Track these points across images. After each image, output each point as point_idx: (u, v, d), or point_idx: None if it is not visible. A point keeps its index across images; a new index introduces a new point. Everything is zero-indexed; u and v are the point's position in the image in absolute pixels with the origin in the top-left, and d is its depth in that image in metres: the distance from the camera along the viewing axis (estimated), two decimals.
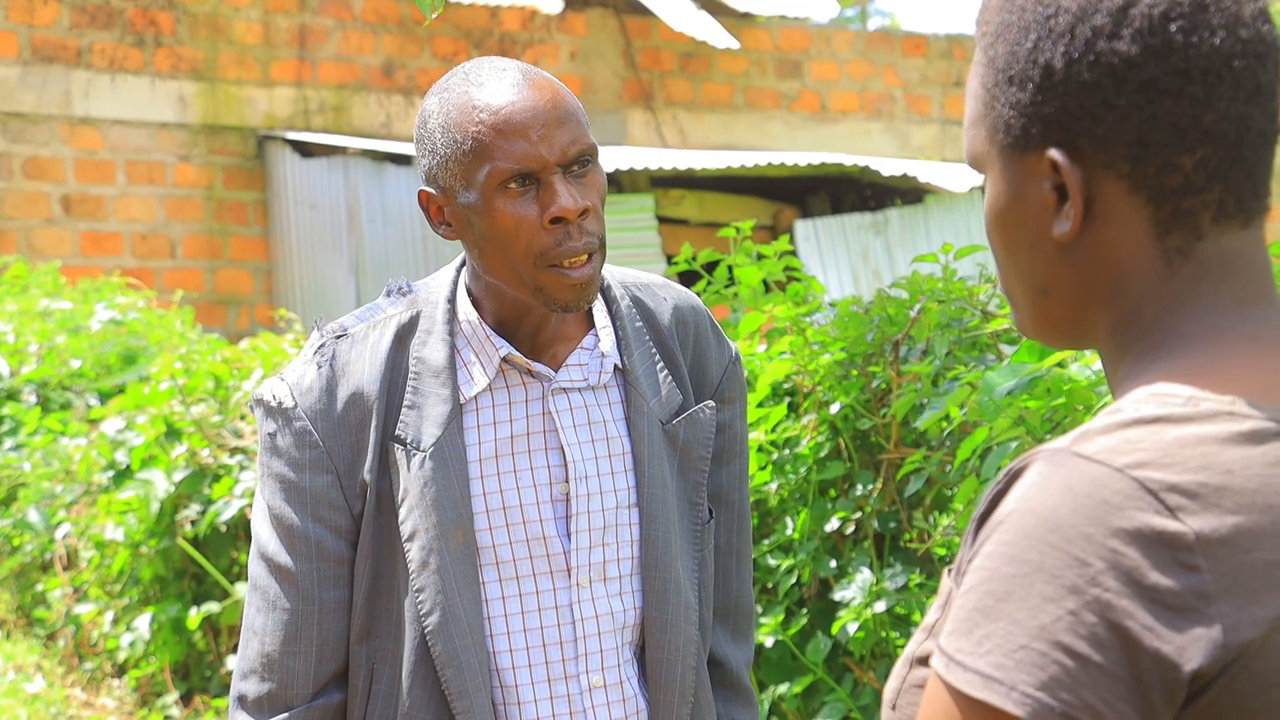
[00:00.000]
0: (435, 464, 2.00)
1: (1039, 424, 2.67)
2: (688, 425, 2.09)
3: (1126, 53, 1.09)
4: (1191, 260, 1.12)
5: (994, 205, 1.17)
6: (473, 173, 1.96)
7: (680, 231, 10.17)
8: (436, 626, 1.99)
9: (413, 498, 2.00)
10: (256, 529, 2.08)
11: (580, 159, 1.97)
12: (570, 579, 2.04)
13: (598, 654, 2.05)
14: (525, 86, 1.97)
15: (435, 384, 2.03)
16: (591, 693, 2.05)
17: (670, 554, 2.06)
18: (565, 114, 1.97)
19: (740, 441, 2.18)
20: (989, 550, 1.04)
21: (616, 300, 2.11)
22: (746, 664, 2.22)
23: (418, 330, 2.06)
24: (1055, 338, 1.20)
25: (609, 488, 2.05)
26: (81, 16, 10.39)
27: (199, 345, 6.26)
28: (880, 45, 12.93)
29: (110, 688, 5.87)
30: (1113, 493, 1.01)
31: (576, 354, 2.07)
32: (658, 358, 2.10)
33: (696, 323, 2.16)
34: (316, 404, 2.03)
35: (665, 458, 2.07)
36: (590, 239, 1.97)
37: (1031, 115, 1.12)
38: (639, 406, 2.07)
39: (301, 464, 2.03)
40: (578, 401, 2.06)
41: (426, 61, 11.28)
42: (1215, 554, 1.00)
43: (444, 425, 2.01)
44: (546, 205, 1.95)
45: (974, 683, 1.00)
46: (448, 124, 1.97)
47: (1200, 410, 1.05)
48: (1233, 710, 1.01)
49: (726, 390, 2.16)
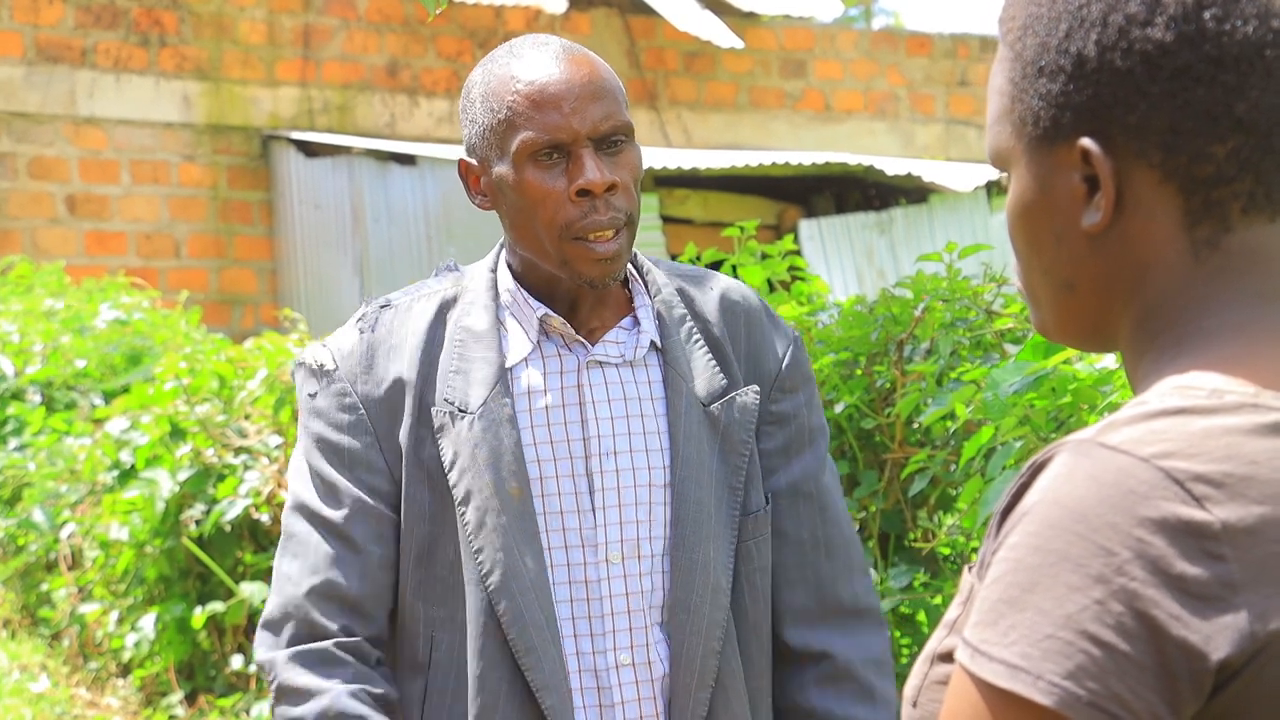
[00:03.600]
0: (484, 424, 2.01)
1: (1044, 422, 2.66)
2: (729, 408, 2.06)
3: (1161, 40, 1.09)
4: (1219, 252, 1.12)
5: (1019, 199, 1.17)
6: (506, 142, 1.99)
7: (685, 231, 10.16)
8: (499, 585, 1.99)
9: (464, 459, 2.01)
10: (294, 487, 2.09)
11: (613, 135, 2.00)
12: (599, 554, 2.03)
13: (626, 631, 2.04)
14: (564, 60, 2.00)
15: (480, 348, 2.04)
16: (619, 670, 2.04)
17: (700, 535, 2.03)
18: (601, 89, 2.00)
19: (812, 431, 2.13)
20: (1014, 541, 1.03)
21: (660, 286, 2.10)
22: (867, 660, 2.10)
23: (460, 303, 2.08)
24: (1078, 336, 1.19)
25: (641, 464, 2.04)
26: (86, 16, 10.40)
27: (204, 345, 6.26)
28: (885, 45, 12.92)
29: (115, 687, 5.87)
30: (1139, 482, 1.01)
31: (615, 332, 2.08)
32: (700, 342, 2.08)
33: (748, 311, 2.13)
34: (356, 367, 2.06)
35: (705, 439, 2.05)
36: (617, 214, 1.99)
37: (1063, 105, 1.12)
38: (677, 386, 2.05)
39: (341, 425, 2.05)
40: (613, 377, 2.06)
41: (431, 61, 11.28)
42: (1241, 543, 1.00)
43: (491, 386, 2.02)
44: (574, 178, 1.97)
45: (1000, 673, 1.00)
46: (487, 93, 2.01)
47: (1225, 402, 1.05)
48: (1260, 700, 1.00)
49: (788, 379, 2.12)
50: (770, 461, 2.10)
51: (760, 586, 2.08)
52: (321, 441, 2.06)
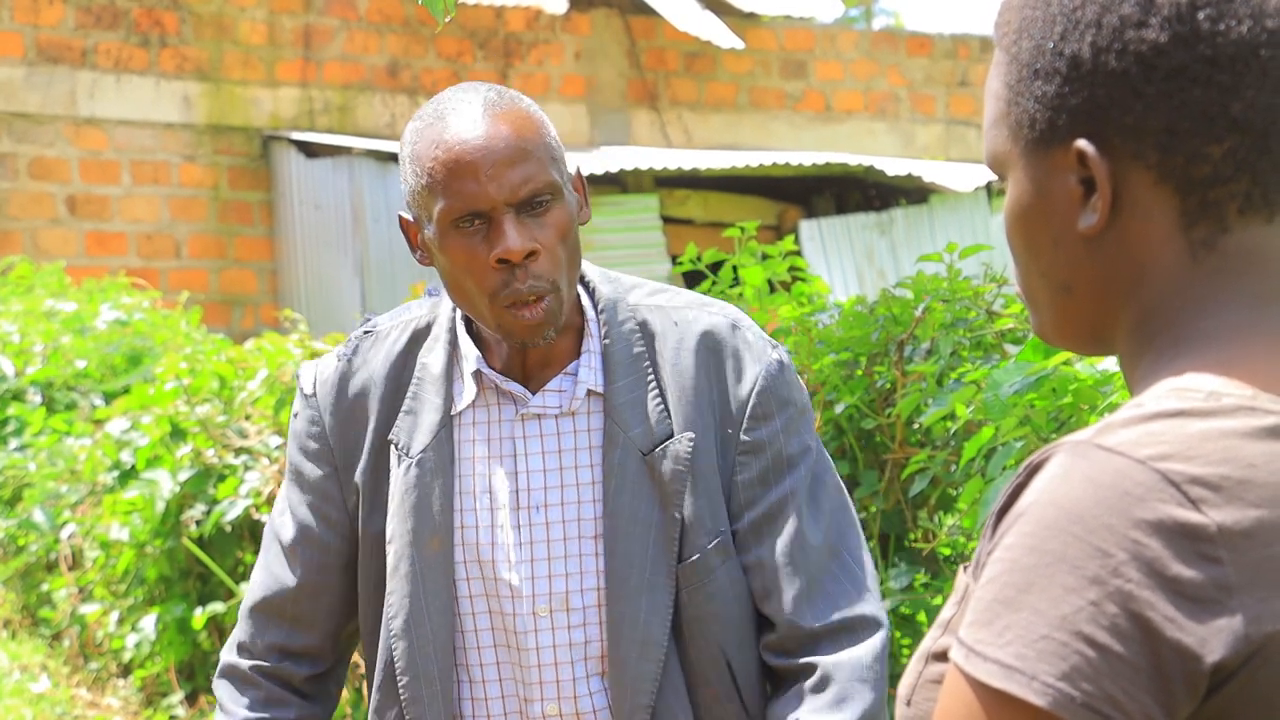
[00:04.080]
0: (419, 471, 2.03)
1: (1045, 423, 2.67)
2: (663, 456, 2.01)
3: (1155, 40, 1.09)
4: (1216, 253, 1.11)
5: (1016, 203, 1.17)
6: (430, 207, 1.97)
7: (685, 231, 10.16)
8: (398, 631, 2.03)
9: (395, 502, 2.04)
10: (278, 497, 2.18)
11: (534, 199, 1.95)
12: (527, 607, 2.02)
13: (553, 683, 2.03)
14: (484, 121, 1.96)
15: (432, 391, 2.05)
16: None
17: (629, 588, 2.00)
18: (520, 152, 1.95)
19: (790, 456, 2.05)
20: (1009, 542, 1.03)
21: (618, 325, 2.05)
22: (856, 666, 2.00)
23: (429, 336, 2.09)
24: (1076, 339, 1.19)
25: (572, 516, 2.03)
26: (86, 17, 10.40)
27: (204, 345, 6.26)
28: (885, 45, 12.92)
29: (115, 688, 5.87)
30: (1135, 484, 1.01)
31: (559, 379, 2.04)
32: (651, 384, 2.03)
33: (719, 345, 2.05)
34: (329, 396, 2.09)
35: (642, 490, 2.01)
36: (538, 283, 1.94)
37: (1058, 107, 1.12)
38: (614, 436, 2.01)
39: (307, 451, 2.11)
40: (550, 429, 2.04)
41: (431, 62, 11.28)
42: (1237, 546, 1.00)
43: (433, 433, 2.04)
44: (494, 245, 1.94)
45: (994, 673, 1.00)
46: (414, 155, 1.99)
47: (1222, 405, 1.05)
48: (1254, 702, 1.00)
49: (759, 406, 2.04)
50: (749, 493, 2.04)
51: (713, 634, 2.02)
52: (291, 463, 2.13)
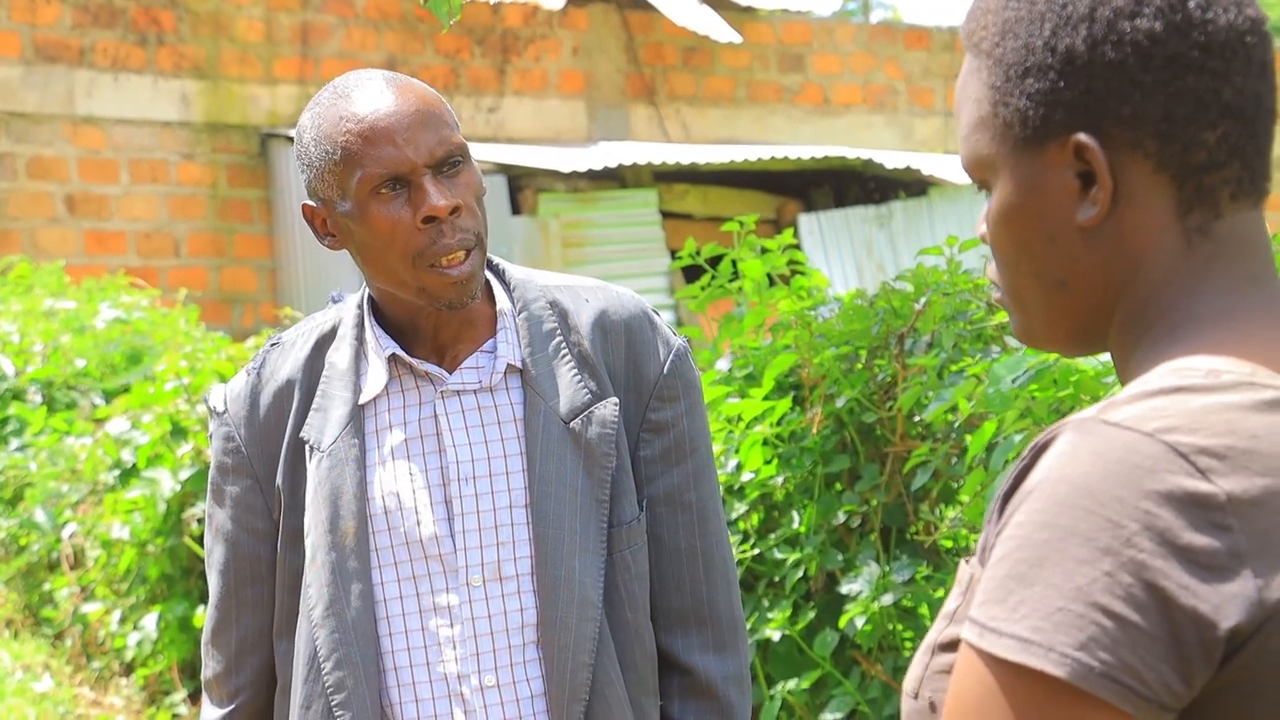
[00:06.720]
0: (330, 463, 2.08)
1: (1046, 415, 2.67)
2: (588, 422, 2.07)
3: (1150, 29, 1.11)
4: (1210, 239, 1.13)
5: (1005, 204, 1.17)
6: (346, 181, 2.03)
7: (684, 226, 10.17)
8: (319, 620, 2.07)
9: (310, 495, 2.09)
10: (205, 526, 2.22)
11: (449, 159, 2.03)
12: (460, 579, 2.07)
13: (490, 653, 2.07)
14: (389, 93, 2.04)
15: (340, 386, 2.11)
16: (484, 692, 2.07)
17: (562, 551, 2.05)
18: (430, 116, 2.03)
19: (692, 439, 2.15)
20: (1020, 520, 1.05)
21: (529, 302, 2.12)
22: (728, 677, 2.15)
23: (335, 336, 2.15)
24: (1067, 337, 1.20)
25: (501, 488, 2.08)
26: (84, 16, 10.39)
27: (204, 344, 6.26)
28: (883, 38, 12.92)
29: (118, 686, 5.87)
30: (1144, 456, 1.02)
31: (475, 357, 2.11)
32: (567, 357, 2.10)
33: (628, 323, 2.13)
34: (241, 410, 2.14)
35: (568, 456, 2.07)
36: (465, 235, 2.02)
37: (1053, 103, 1.13)
38: (535, 406, 2.08)
39: (225, 468, 2.16)
40: (470, 404, 2.09)
41: (429, 58, 11.28)
42: (1246, 514, 1.02)
43: (342, 426, 2.09)
44: (418, 206, 2.01)
45: (1011, 647, 1.01)
46: (319, 136, 2.05)
47: (1222, 381, 1.07)
48: (1269, 667, 1.02)
49: (666, 388, 2.13)
50: (649, 469, 2.12)
51: (639, 595, 2.10)
52: (211, 484, 2.18)
